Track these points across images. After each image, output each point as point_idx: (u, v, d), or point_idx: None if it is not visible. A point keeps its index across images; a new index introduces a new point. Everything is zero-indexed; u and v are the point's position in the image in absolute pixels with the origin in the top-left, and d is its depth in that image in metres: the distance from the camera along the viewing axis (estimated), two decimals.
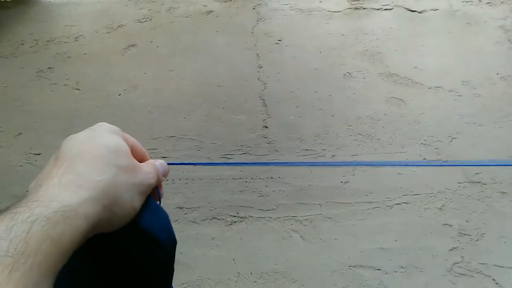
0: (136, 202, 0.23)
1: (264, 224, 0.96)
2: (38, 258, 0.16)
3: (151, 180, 0.24)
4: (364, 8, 1.52)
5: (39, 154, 1.14)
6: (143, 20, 1.54)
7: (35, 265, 0.16)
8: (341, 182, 1.02)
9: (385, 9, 1.52)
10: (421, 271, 0.88)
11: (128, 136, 0.26)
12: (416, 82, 1.26)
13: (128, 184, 0.22)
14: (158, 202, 0.26)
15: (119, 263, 0.24)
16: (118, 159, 0.22)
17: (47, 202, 0.18)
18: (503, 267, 0.87)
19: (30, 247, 0.16)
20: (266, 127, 1.16)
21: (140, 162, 0.25)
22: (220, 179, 1.05)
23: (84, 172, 0.20)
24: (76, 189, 0.19)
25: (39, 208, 0.18)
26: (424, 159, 1.07)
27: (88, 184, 0.20)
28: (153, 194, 0.26)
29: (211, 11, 1.55)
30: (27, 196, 0.19)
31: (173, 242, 0.26)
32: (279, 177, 1.04)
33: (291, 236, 0.94)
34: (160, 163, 0.27)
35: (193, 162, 0.99)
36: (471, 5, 1.51)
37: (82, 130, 0.25)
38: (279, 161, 1.08)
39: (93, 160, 0.21)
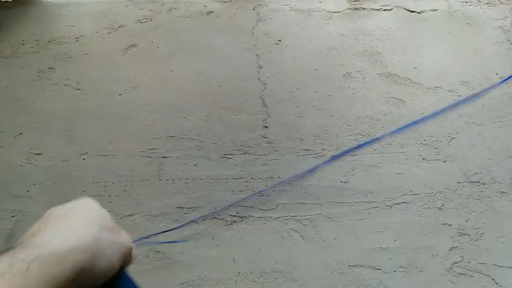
0: (115, 259, 0.25)
1: (264, 223, 0.96)
2: None
3: (130, 244, 0.27)
4: (363, 9, 1.52)
5: (39, 154, 1.14)
6: (144, 20, 1.54)
7: None
8: (341, 182, 1.03)
9: (385, 10, 1.52)
10: (420, 271, 0.88)
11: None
12: (415, 82, 1.27)
13: (112, 241, 0.25)
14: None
15: None
16: (102, 221, 0.26)
17: (42, 246, 0.21)
18: (502, 266, 0.87)
19: (28, 284, 0.19)
20: (266, 127, 1.16)
21: None
22: (220, 179, 1.05)
23: (72, 227, 0.23)
24: (66, 238, 0.22)
25: (36, 250, 0.20)
26: (423, 159, 1.07)
27: (76, 235, 0.23)
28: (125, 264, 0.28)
29: (211, 12, 1.56)
30: (22, 242, 0.22)
31: None
32: (279, 177, 1.04)
33: (291, 236, 0.94)
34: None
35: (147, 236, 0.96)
36: (470, 5, 1.52)
37: (82, 130, 0.25)
38: (279, 161, 1.08)
39: (80, 219, 0.24)
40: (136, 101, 1.25)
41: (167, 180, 1.05)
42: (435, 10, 1.50)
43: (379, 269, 0.88)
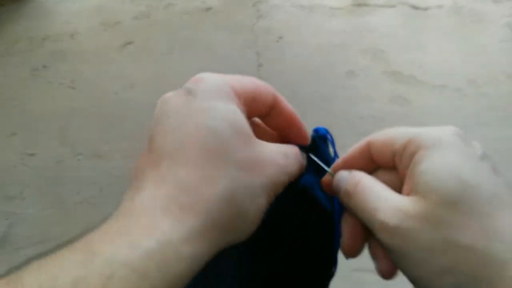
0: (261, 209, 0.15)
1: None
2: None
3: (291, 169, 0.16)
4: (367, 5, 1.49)
5: (33, 155, 1.11)
6: (141, 17, 1.51)
7: None
8: None
9: (389, 6, 1.49)
10: None
11: (248, 88, 0.16)
12: (420, 81, 1.24)
13: (251, 188, 0.15)
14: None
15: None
16: (235, 148, 0.14)
17: (137, 237, 0.12)
18: None
19: None
20: None
21: (278, 131, 0.18)
22: None
23: (188, 182, 0.14)
24: (179, 213, 0.13)
25: (124, 251, 0.12)
26: None
27: (197, 203, 0.13)
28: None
29: (210, 8, 1.53)
30: (115, 214, 0.14)
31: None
32: None
33: None
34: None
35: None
36: (476, 2, 1.48)
37: (77, 130, 0.20)
38: None
39: (199, 159, 0.14)
40: (133, 100, 1.23)
41: None
42: (440, 6, 1.47)
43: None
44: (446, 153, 0.16)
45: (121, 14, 1.52)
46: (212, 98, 0.16)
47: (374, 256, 0.19)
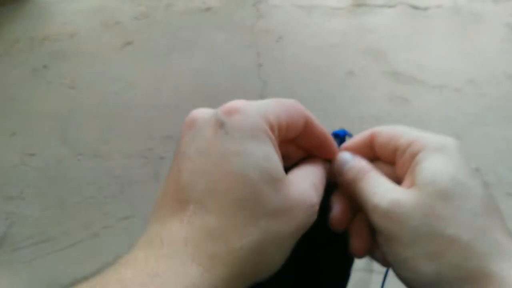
0: (287, 253, 0.15)
1: None
2: None
3: (312, 210, 0.16)
4: (366, 5, 1.49)
5: (33, 155, 1.11)
6: (141, 17, 1.51)
7: None
8: None
9: (388, 6, 1.49)
10: None
11: (282, 118, 0.16)
12: (420, 81, 1.24)
13: (280, 237, 0.15)
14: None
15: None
16: (266, 197, 0.14)
17: (169, 282, 0.12)
18: None
19: None
20: None
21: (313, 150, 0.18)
22: None
23: (218, 230, 0.13)
24: (208, 262, 0.13)
25: None
26: None
27: (225, 254, 0.13)
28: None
29: (210, 8, 1.53)
30: (144, 244, 0.14)
31: None
32: None
33: None
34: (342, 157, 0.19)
35: None
36: (476, 2, 1.48)
37: (77, 130, 0.19)
38: None
39: (229, 207, 0.14)
40: (133, 100, 1.23)
41: None
42: (440, 6, 1.47)
43: (382, 273, 0.86)
44: (447, 158, 0.17)
45: (121, 14, 1.52)
46: (246, 138, 0.15)
47: (352, 233, 0.20)
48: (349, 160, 0.20)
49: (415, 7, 1.47)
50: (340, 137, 0.22)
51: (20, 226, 0.96)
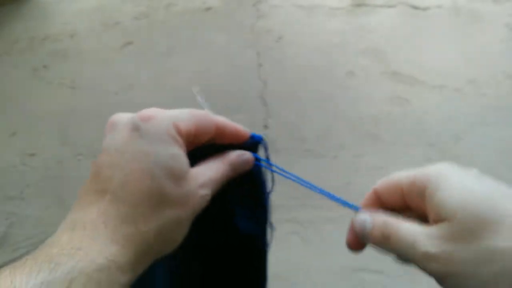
0: (185, 231, 0.19)
1: None
2: None
3: (205, 199, 0.19)
4: (367, 5, 1.49)
5: (33, 155, 1.11)
6: (141, 17, 1.51)
7: None
8: (344, 183, 1.00)
9: (388, 6, 1.49)
10: (425, 275, 0.85)
11: (190, 127, 0.20)
12: (420, 81, 1.24)
13: (179, 221, 0.18)
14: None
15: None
16: (168, 190, 0.18)
17: (92, 255, 0.15)
18: None
19: None
20: (267, 127, 1.13)
21: (229, 141, 0.21)
22: None
23: (130, 217, 0.17)
24: (124, 241, 0.16)
25: (82, 263, 0.15)
26: (429, 159, 1.05)
27: (137, 234, 0.17)
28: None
29: (210, 8, 1.53)
30: (66, 229, 0.16)
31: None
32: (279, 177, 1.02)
33: (291, 239, 0.91)
34: (237, 155, 0.22)
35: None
36: (476, 2, 1.48)
37: (77, 130, 0.21)
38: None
39: (139, 198, 0.17)
40: (133, 100, 1.23)
41: None
42: (440, 6, 1.47)
43: (382, 273, 0.86)
44: (451, 179, 0.18)
45: (121, 14, 1.52)
46: (156, 141, 0.18)
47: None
48: (367, 218, 0.21)
49: (415, 7, 1.47)
50: (255, 138, 0.24)
51: (20, 226, 0.96)
